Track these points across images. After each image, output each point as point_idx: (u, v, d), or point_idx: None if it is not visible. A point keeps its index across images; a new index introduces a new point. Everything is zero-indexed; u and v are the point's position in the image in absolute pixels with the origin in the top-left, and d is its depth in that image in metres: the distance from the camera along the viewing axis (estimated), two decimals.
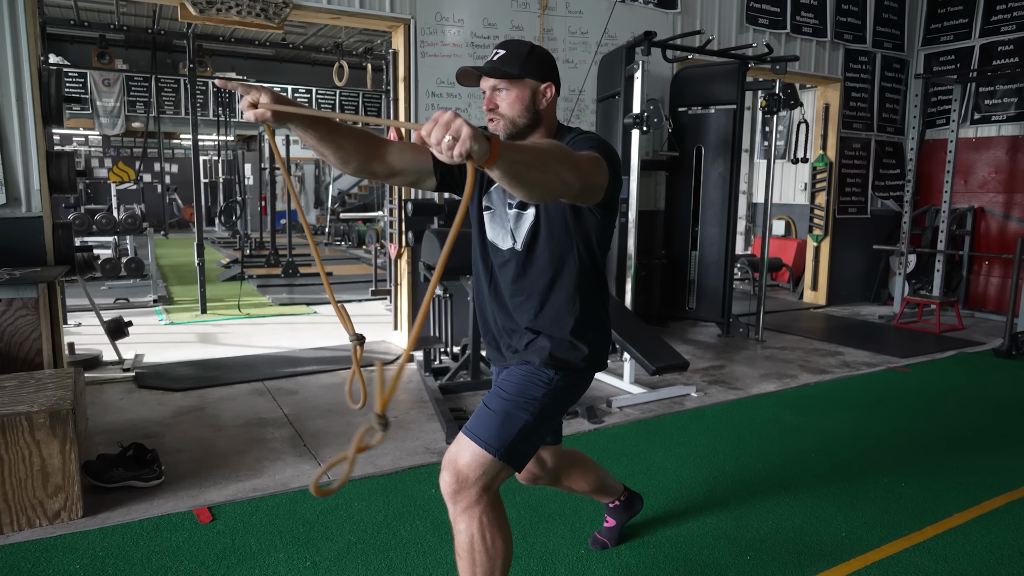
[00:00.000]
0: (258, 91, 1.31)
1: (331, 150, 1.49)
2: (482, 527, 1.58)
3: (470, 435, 1.60)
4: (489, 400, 1.67)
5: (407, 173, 1.64)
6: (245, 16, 4.09)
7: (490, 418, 1.62)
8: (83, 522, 2.38)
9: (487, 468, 1.57)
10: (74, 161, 3.92)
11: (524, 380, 1.66)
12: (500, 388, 1.68)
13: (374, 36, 9.41)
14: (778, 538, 2.36)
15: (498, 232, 1.70)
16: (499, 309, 1.74)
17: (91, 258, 4.52)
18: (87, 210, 8.24)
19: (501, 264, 1.71)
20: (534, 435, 1.66)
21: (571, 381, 1.71)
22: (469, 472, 1.57)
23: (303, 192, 16.68)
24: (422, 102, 4.75)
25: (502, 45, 1.64)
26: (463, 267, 3.79)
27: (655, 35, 4.59)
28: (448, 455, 1.63)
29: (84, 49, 10.02)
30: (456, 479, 1.58)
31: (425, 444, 3.18)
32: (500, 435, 1.58)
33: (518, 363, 1.70)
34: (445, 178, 1.68)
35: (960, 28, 6.94)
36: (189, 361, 4.54)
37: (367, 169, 1.58)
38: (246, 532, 2.34)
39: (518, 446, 1.61)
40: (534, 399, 1.64)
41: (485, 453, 1.57)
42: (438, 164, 1.65)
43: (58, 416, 2.35)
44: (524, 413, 1.62)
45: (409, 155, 1.63)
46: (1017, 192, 6.64)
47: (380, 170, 1.60)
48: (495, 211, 1.70)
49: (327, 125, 1.47)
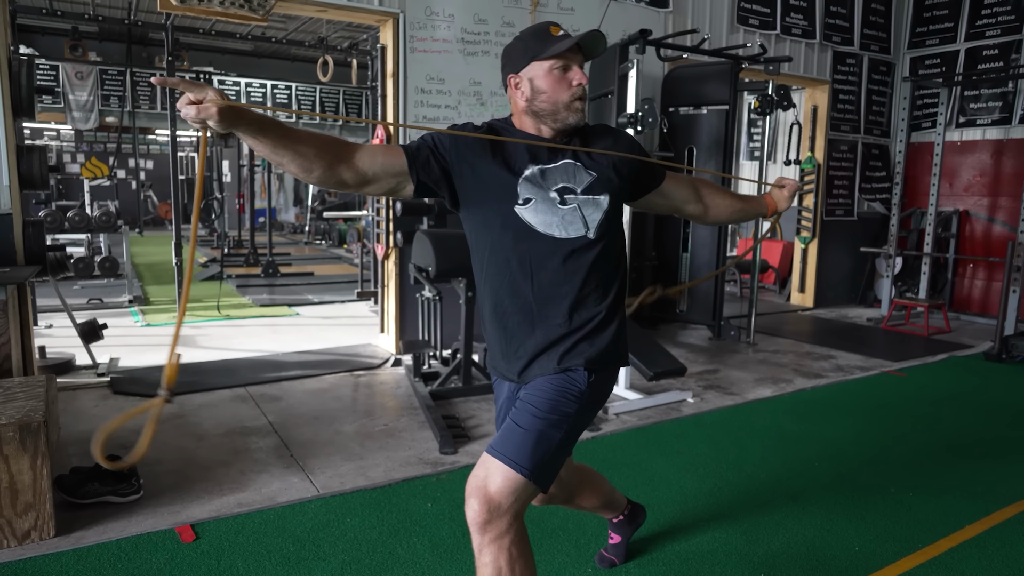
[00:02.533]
0: (203, 88, 1.20)
1: (289, 158, 1.35)
2: (511, 559, 1.44)
3: (500, 457, 1.46)
4: (519, 417, 1.53)
5: (382, 179, 1.49)
6: (228, 7, 3.92)
7: (522, 437, 1.48)
8: (55, 542, 2.22)
9: (520, 493, 1.44)
10: (46, 156, 3.72)
11: (556, 395, 1.53)
12: (530, 404, 1.54)
13: (359, 31, 9.24)
14: (791, 552, 2.28)
15: (553, 221, 1.55)
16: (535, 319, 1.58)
17: (64, 257, 4.32)
18: (59, 207, 7.98)
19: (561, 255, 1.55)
20: (564, 452, 1.55)
21: (601, 389, 1.61)
22: (502, 499, 1.43)
23: (283, 190, 16.41)
24: (411, 98, 4.61)
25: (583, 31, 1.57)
26: (455, 269, 3.68)
27: (650, 33, 4.51)
28: (475, 480, 1.48)
29: (56, 41, 9.73)
30: (488, 507, 1.43)
31: (418, 454, 3.05)
32: (534, 456, 1.46)
33: (547, 373, 1.57)
34: (424, 182, 1.53)
35: (945, 32, 6.97)
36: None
37: (334, 177, 1.43)
38: (232, 552, 2.20)
39: (550, 465, 1.50)
40: (567, 415, 1.52)
41: (519, 476, 1.44)
42: (414, 165, 1.51)
43: (28, 429, 2.19)
44: (558, 431, 1.50)
45: (381, 158, 1.48)
46: (1001, 195, 6.68)
47: (349, 177, 1.45)
48: (536, 200, 1.55)
49: (279, 131, 1.33)
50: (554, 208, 1.55)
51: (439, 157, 1.54)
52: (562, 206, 1.55)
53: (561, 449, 1.54)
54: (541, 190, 1.55)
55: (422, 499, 2.60)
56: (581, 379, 1.56)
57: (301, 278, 8.38)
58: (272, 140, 1.32)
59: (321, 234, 13.44)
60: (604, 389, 1.65)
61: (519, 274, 1.58)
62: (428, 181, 1.54)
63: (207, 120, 1.21)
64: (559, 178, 1.56)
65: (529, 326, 1.59)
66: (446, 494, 2.64)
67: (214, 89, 1.21)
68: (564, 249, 1.55)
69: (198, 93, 1.20)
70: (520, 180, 1.55)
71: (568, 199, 1.55)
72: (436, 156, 1.54)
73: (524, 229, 1.55)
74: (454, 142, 1.55)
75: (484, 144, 1.56)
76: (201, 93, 1.20)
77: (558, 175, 1.56)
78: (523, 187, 1.55)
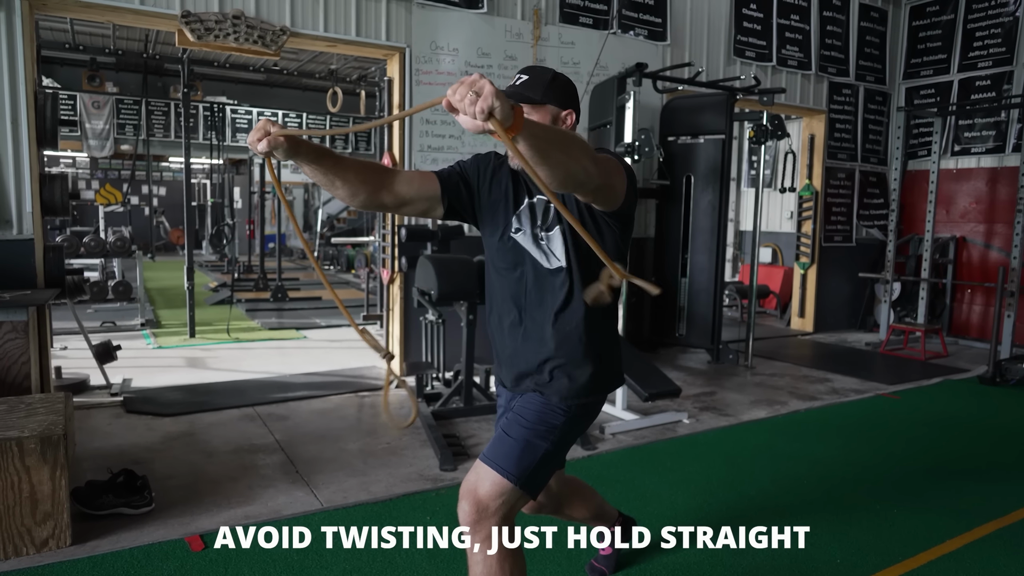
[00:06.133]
0: (269, 123, 1.34)
1: (340, 184, 1.49)
2: (501, 560, 1.57)
3: (490, 463, 1.59)
4: (508, 428, 1.66)
5: (416, 202, 1.64)
6: (243, 43, 4.13)
7: (510, 446, 1.61)
8: (72, 550, 2.34)
9: (507, 497, 1.57)
10: (67, 184, 3.91)
11: (544, 408, 1.66)
12: (519, 416, 1.67)
13: (368, 63, 9.50)
14: (775, 565, 2.36)
15: (536, 250, 1.69)
16: (525, 332, 1.71)
17: (81, 281, 4.48)
18: (74, 232, 8.19)
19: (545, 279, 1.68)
20: (552, 462, 1.67)
21: (588, 407, 1.72)
22: (490, 501, 1.56)
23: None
24: (416, 129, 4.80)
25: (525, 71, 1.64)
26: (457, 293, 3.82)
27: (646, 66, 4.69)
28: (466, 484, 1.61)
29: (74, 71, 10.03)
30: (476, 508, 1.56)
31: (419, 471, 3.16)
32: (520, 463, 1.58)
33: (535, 389, 1.70)
34: (454, 205, 1.68)
35: (939, 63, 7.14)
36: (178, 386, 4.50)
37: (376, 201, 1.57)
38: (239, 560, 2.30)
39: (537, 474, 1.62)
40: (554, 427, 1.64)
41: (506, 482, 1.56)
42: (447, 190, 1.65)
43: (49, 441, 2.32)
44: (544, 442, 1.62)
45: (417, 183, 1.64)
46: (997, 222, 6.78)
47: (389, 201, 1.59)
48: (525, 231, 1.69)
49: (332, 159, 1.47)
50: (536, 242, 1.69)
51: (467, 182, 1.71)
52: (540, 241, 1.69)
53: (548, 459, 1.66)
54: (529, 223, 1.69)
55: (422, 513, 2.70)
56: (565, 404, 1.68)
57: (309, 302, 8.53)
58: (326, 167, 1.46)
59: (330, 259, 13.64)
60: (593, 405, 1.76)
61: (514, 293, 1.72)
62: (457, 205, 1.69)
63: (274, 150, 1.34)
64: (539, 214, 1.69)
65: (523, 341, 1.72)
66: (445, 508, 2.74)
67: (277, 124, 1.35)
68: (547, 275, 1.69)
69: (267, 125, 1.33)
70: (517, 211, 1.70)
71: (541, 236, 1.69)
72: (464, 182, 1.71)
73: (520, 252, 1.70)
74: (475, 168, 1.72)
75: (496, 173, 1.72)
76: (268, 125, 1.33)
77: (538, 211, 1.70)
78: (517, 218, 1.70)
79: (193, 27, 3.99)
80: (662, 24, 5.74)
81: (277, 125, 1.34)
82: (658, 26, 5.72)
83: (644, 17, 5.65)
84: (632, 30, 5.58)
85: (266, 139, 1.32)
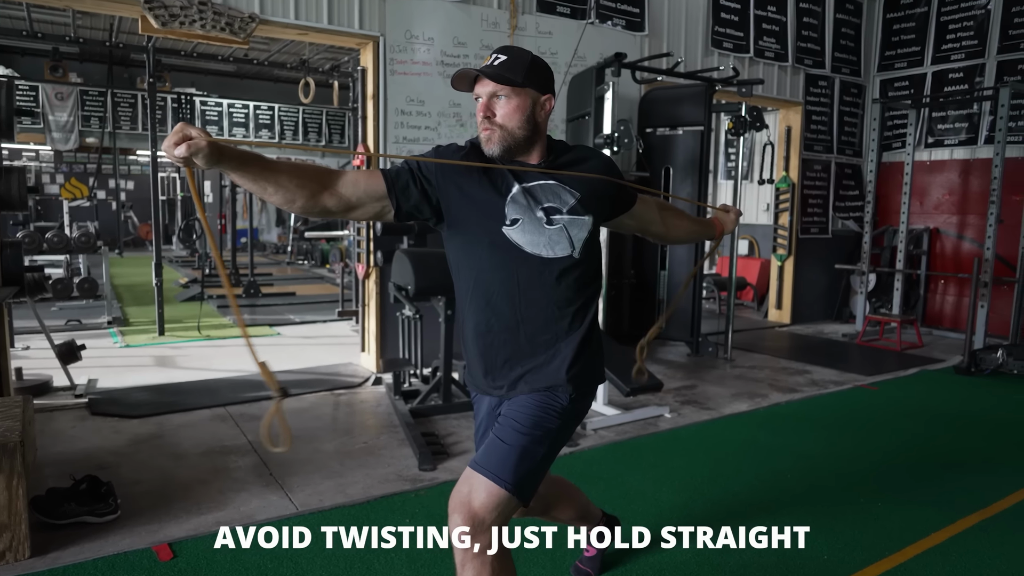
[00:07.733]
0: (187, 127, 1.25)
1: (271, 190, 1.39)
2: (493, 573, 1.48)
3: (484, 472, 1.50)
4: (502, 433, 1.57)
5: (365, 204, 1.52)
6: (209, 30, 3.98)
7: (506, 453, 1.52)
8: (31, 563, 2.22)
9: (503, 507, 1.49)
10: (25, 177, 3.74)
11: (539, 411, 1.58)
12: (513, 420, 1.58)
13: (340, 53, 9.32)
14: (762, 563, 2.32)
15: (540, 241, 1.58)
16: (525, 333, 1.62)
17: (41, 278, 4.32)
18: (37, 228, 7.93)
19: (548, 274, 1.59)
20: (547, 467, 1.61)
21: (582, 404, 1.67)
22: (485, 514, 1.47)
23: (265, 210, 16.39)
24: (391, 120, 4.68)
25: (502, 50, 1.56)
26: (435, 288, 3.73)
27: (625, 56, 4.63)
28: (458, 496, 1.51)
29: (36, 62, 9.71)
30: (472, 522, 1.46)
31: (397, 471, 3.07)
32: (517, 471, 1.50)
33: (530, 390, 1.61)
34: (402, 206, 1.55)
35: (913, 55, 7.19)
36: (146, 386, 4.35)
37: (318, 206, 1.46)
38: (209, 570, 2.20)
39: (532, 480, 1.55)
40: (550, 431, 1.57)
41: (502, 491, 1.48)
42: (393, 189, 1.53)
43: (5, 449, 2.19)
44: (540, 447, 1.55)
45: (363, 184, 1.51)
46: (969, 213, 6.86)
47: (333, 205, 1.48)
48: (523, 219, 1.58)
49: (261, 164, 1.38)
50: (540, 228, 1.58)
51: (420, 180, 1.56)
52: (548, 226, 1.59)
53: (543, 464, 1.59)
54: (527, 210, 1.58)
55: (400, 515, 2.62)
56: (564, 396, 1.61)
57: (283, 298, 8.37)
58: (254, 173, 1.36)
59: (303, 254, 13.43)
60: (585, 404, 1.70)
61: (505, 293, 1.60)
62: (407, 206, 1.56)
63: (194, 157, 1.25)
64: (544, 198, 1.59)
65: (515, 344, 1.63)
66: (424, 510, 2.67)
67: (197, 128, 1.26)
68: (550, 268, 1.59)
69: (188, 130, 1.24)
70: (507, 200, 1.58)
71: (555, 219, 1.59)
72: (417, 180, 1.56)
73: (511, 249, 1.58)
74: (435, 164, 1.57)
75: (466, 167, 1.58)
76: (189, 130, 1.24)
77: (543, 194, 1.60)
78: (510, 207, 1.58)
79: (157, 13, 3.84)
80: (640, 14, 5.68)
81: (199, 130, 1.25)
82: (636, 16, 5.67)
83: (622, 7, 5.58)
84: (610, 20, 5.52)
85: (185, 144, 1.23)
